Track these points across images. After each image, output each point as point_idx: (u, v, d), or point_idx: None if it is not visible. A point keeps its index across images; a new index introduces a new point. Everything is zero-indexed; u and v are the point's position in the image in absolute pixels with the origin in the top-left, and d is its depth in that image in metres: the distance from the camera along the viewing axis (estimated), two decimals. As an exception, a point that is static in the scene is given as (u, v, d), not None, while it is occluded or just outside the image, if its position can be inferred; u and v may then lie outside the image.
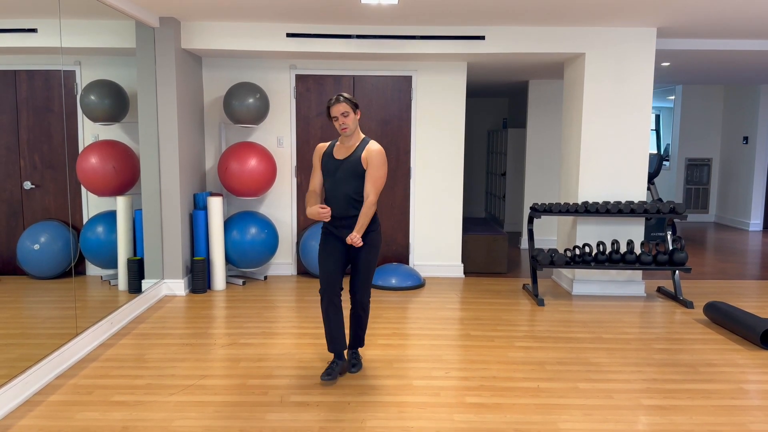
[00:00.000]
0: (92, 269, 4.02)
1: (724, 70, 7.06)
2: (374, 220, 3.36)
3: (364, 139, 3.33)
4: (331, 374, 3.29)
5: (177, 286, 5.15)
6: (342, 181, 3.27)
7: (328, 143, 3.42)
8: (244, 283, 5.56)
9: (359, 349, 3.81)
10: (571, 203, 5.21)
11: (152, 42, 4.86)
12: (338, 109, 3.21)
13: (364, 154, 3.25)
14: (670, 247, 5.27)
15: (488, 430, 2.80)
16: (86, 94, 3.89)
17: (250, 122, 5.46)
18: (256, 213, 5.64)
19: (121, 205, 4.38)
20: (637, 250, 5.37)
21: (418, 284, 5.52)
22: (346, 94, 3.23)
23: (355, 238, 3.17)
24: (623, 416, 2.96)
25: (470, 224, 6.82)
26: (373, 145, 3.27)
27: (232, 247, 5.44)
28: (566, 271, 5.58)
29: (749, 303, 5.11)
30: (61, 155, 3.53)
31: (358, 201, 3.28)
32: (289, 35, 5.10)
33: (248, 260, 5.50)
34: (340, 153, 3.32)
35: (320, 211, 3.20)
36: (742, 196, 9.62)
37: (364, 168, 3.24)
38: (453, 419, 2.91)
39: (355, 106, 3.24)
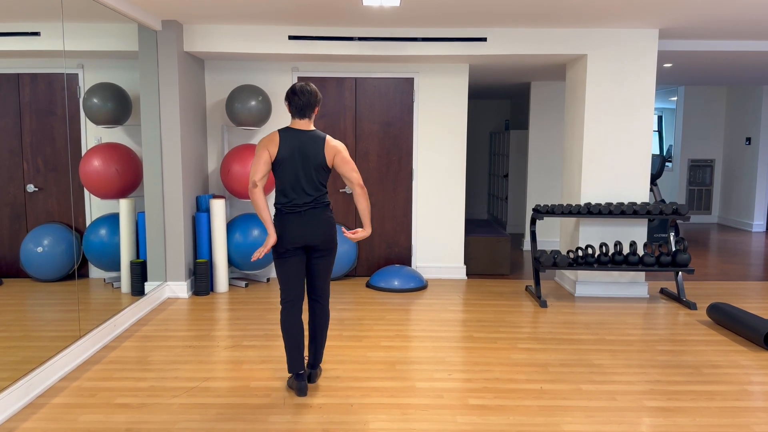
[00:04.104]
0: (95, 272, 4.03)
1: (727, 71, 7.05)
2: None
3: None
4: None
5: (180, 289, 5.16)
6: None
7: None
8: (246, 285, 5.57)
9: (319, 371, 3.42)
10: (573, 205, 5.20)
11: (155, 45, 4.88)
12: None
13: None
14: (673, 249, 5.26)
15: (491, 432, 2.80)
16: (89, 97, 3.90)
17: (253, 124, 5.47)
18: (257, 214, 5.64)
19: (123, 207, 4.39)
20: (640, 252, 5.36)
21: (420, 286, 5.52)
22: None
23: None
24: (626, 418, 2.95)
25: (473, 226, 6.81)
26: None
27: (234, 250, 5.45)
28: (569, 273, 5.57)
29: (752, 304, 5.10)
30: (64, 158, 3.54)
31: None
32: (291, 38, 5.11)
33: (251, 262, 5.51)
34: None
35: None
36: (745, 197, 9.60)
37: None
38: (456, 421, 2.91)
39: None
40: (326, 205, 3.17)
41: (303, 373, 3.20)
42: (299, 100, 3.09)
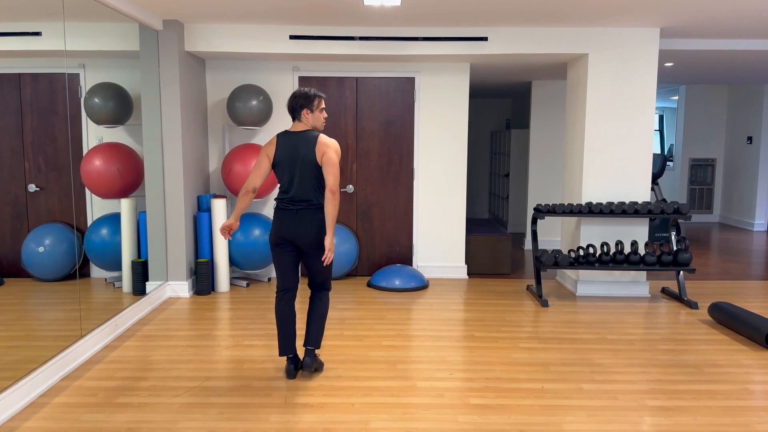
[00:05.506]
0: (96, 271, 4.03)
1: (728, 70, 7.04)
2: None
3: None
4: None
5: (181, 288, 5.16)
6: None
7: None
8: (247, 284, 5.57)
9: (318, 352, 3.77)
10: (574, 204, 5.20)
11: (156, 45, 4.88)
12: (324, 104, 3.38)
13: None
14: (675, 248, 5.25)
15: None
16: (90, 97, 3.90)
17: (254, 124, 5.47)
18: (259, 215, 5.65)
19: (125, 207, 4.39)
20: (641, 251, 5.36)
21: (421, 285, 5.52)
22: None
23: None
24: (628, 417, 2.95)
25: (474, 225, 6.81)
26: None
27: (235, 249, 5.45)
28: (570, 272, 5.57)
29: (754, 303, 5.10)
30: (65, 158, 3.54)
31: None
32: (292, 37, 5.11)
33: (252, 262, 5.51)
34: None
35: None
36: (746, 196, 9.59)
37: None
38: (457, 420, 2.91)
39: None
40: (320, 208, 3.28)
41: (292, 357, 3.41)
42: (289, 104, 3.33)
